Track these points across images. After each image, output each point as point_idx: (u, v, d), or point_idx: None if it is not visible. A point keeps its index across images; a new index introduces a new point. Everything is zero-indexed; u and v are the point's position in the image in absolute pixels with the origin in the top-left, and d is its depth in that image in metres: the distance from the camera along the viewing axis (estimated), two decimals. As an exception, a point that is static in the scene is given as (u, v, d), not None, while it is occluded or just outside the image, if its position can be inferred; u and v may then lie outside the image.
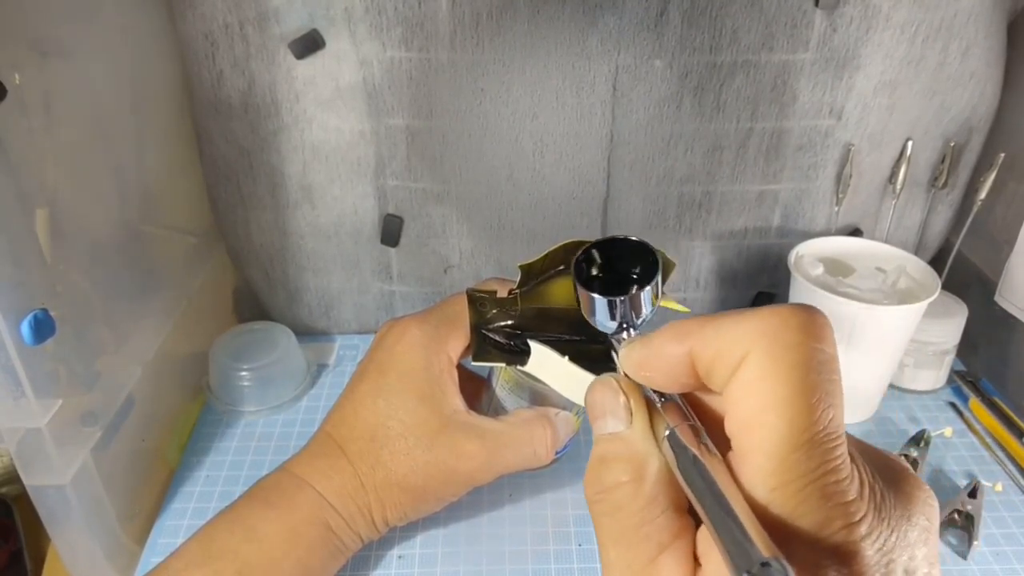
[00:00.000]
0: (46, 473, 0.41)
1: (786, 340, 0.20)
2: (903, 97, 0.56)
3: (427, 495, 0.43)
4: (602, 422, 0.24)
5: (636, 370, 0.24)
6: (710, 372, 0.22)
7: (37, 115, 0.41)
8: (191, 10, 0.53)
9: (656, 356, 0.23)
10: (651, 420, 0.23)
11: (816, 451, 0.19)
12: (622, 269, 0.31)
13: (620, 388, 0.24)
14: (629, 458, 0.22)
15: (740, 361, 0.20)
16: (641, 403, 0.24)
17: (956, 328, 0.59)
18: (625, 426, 0.23)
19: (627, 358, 0.24)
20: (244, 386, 0.57)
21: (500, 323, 0.40)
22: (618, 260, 0.31)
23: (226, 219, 0.62)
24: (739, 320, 0.21)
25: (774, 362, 0.20)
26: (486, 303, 0.40)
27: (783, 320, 0.20)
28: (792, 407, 0.19)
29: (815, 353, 0.20)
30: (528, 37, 0.52)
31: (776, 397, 0.20)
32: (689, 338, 0.22)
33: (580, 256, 0.30)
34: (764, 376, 0.20)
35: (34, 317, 0.38)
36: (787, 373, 0.20)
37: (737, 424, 0.21)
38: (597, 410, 0.24)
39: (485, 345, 0.40)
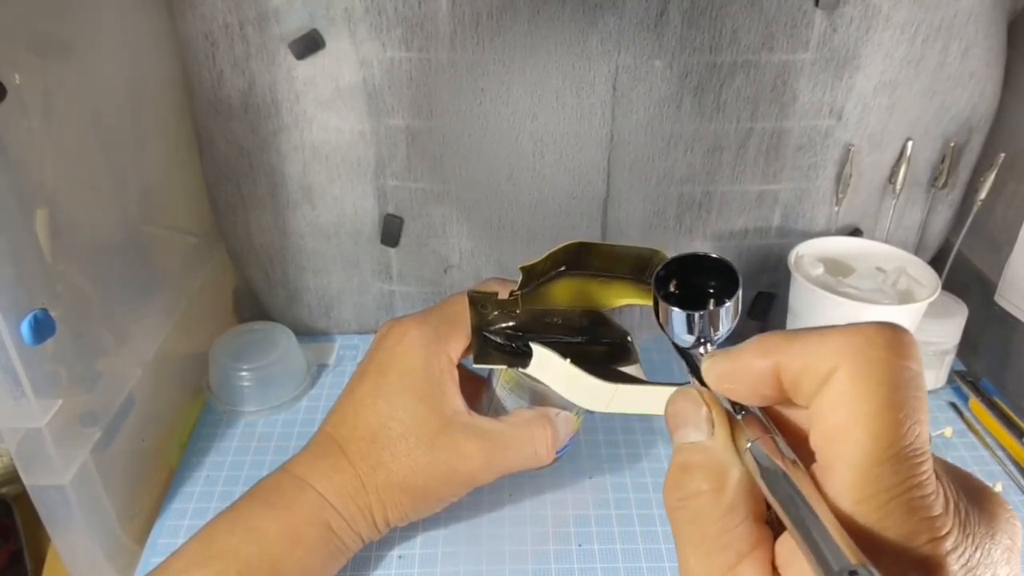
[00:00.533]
0: (46, 473, 0.41)
1: (873, 357, 0.20)
2: (903, 97, 0.56)
3: (428, 496, 0.43)
4: (684, 432, 0.24)
5: (719, 382, 0.24)
6: (796, 386, 0.22)
7: (37, 115, 0.41)
8: (191, 10, 0.53)
9: (741, 369, 0.24)
10: (732, 432, 0.24)
11: (902, 465, 0.19)
12: (699, 284, 0.31)
13: (703, 399, 0.25)
14: (711, 467, 0.23)
15: (827, 376, 0.21)
16: (722, 415, 0.24)
17: (956, 328, 0.59)
18: (707, 436, 0.24)
19: (710, 370, 0.25)
20: (244, 386, 0.57)
21: (501, 325, 0.40)
22: (696, 276, 0.31)
23: (226, 219, 0.62)
24: (826, 336, 0.21)
25: (862, 378, 0.20)
26: (487, 305, 0.40)
27: (870, 338, 0.21)
28: (879, 422, 0.20)
29: (902, 370, 0.20)
30: (528, 37, 0.52)
31: (863, 411, 0.20)
32: (775, 352, 0.23)
33: (659, 271, 0.30)
34: (852, 391, 0.20)
35: (34, 317, 0.38)
36: (874, 389, 0.20)
37: (823, 437, 0.21)
38: (680, 419, 0.25)
39: (486, 347, 0.40)
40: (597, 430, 0.57)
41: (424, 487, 0.42)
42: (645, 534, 0.49)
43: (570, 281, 0.41)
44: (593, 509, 0.51)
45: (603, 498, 0.51)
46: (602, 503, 0.51)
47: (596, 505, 0.51)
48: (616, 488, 0.52)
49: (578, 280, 0.41)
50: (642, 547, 0.48)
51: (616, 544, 0.48)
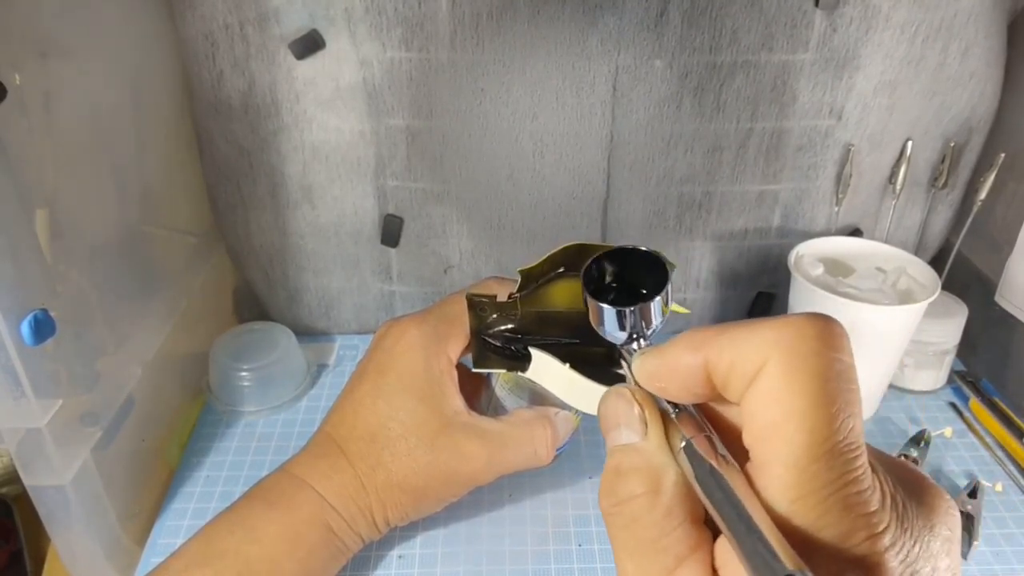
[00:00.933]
0: (46, 473, 0.41)
1: (803, 350, 0.20)
2: (903, 97, 0.56)
3: (428, 495, 0.43)
4: (616, 433, 0.24)
5: (650, 380, 0.24)
6: (726, 382, 0.21)
7: (37, 115, 0.41)
8: (191, 11, 0.53)
9: (670, 366, 0.23)
10: (666, 431, 0.23)
11: (837, 461, 0.19)
12: (631, 279, 0.30)
13: (634, 399, 0.24)
14: (645, 469, 0.22)
15: (757, 371, 0.20)
16: (656, 414, 0.23)
17: (956, 328, 0.59)
18: (640, 437, 0.23)
19: (640, 368, 0.24)
20: (244, 386, 0.57)
21: (500, 327, 0.40)
22: (627, 270, 0.30)
23: (226, 219, 0.62)
24: (754, 329, 0.21)
25: (792, 372, 0.20)
26: (486, 308, 0.40)
27: (799, 329, 0.20)
28: (811, 417, 0.19)
29: (833, 363, 0.20)
30: (528, 37, 0.52)
31: (795, 407, 0.19)
32: (704, 348, 0.22)
33: (590, 265, 0.30)
34: (782, 386, 0.20)
35: (34, 317, 0.38)
36: (805, 383, 0.20)
37: (755, 435, 0.20)
38: (611, 421, 0.24)
39: (485, 351, 0.40)
40: (597, 430, 0.57)
41: (424, 487, 0.42)
42: (645, 534, 0.49)
43: (569, 282, 0.40)
44: (593, 509, 0.51)
45: (603, 498, 0.51)
46: (602, 503, 0.51)
47: (596, 505, 0.51)
48: (616, 488, 0.52)
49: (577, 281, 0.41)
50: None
51: (616, 544, 0.48)
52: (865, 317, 0.51)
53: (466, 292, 0.41)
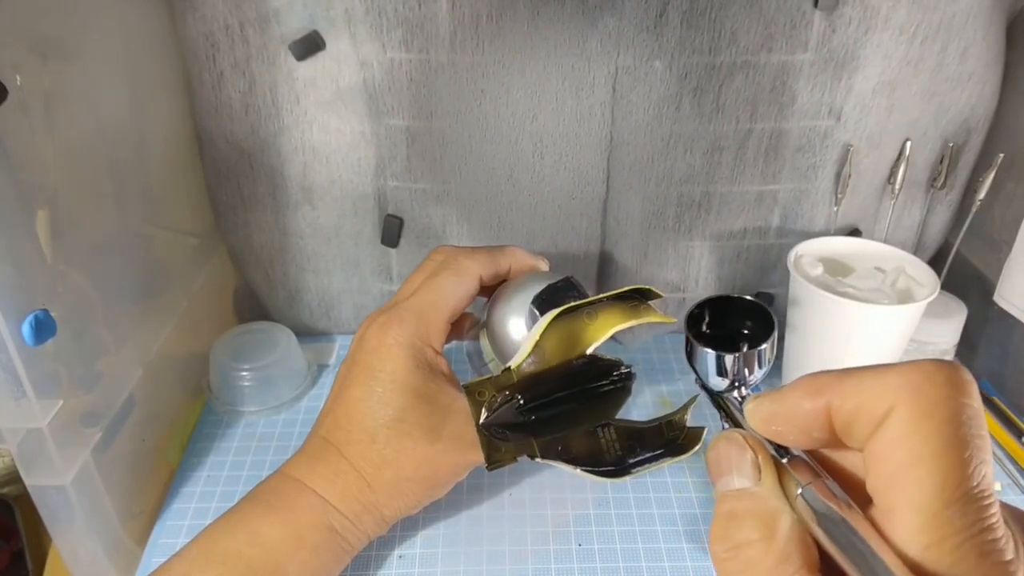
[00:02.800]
0: (47, 473, 0.41)
1: (933, 394, 0.20)
2: (902, 98, 0.56)
3: (439, 482, 0.44)
4: (728, 479, 0.23)
5: (766, 424, 0.24)
6: (849, 427, 0.21)
7: (38, 116, 0.41)
8: (192, 11, 0.53)
9: (790, 411, 0.23)
10: (779, 477, 0.23)
11: (971, 507, 0.19)
12: (730, 326, 0.30)
13: (747, 443, 0.24)
14: (760, 515, 0.22)
15: (884, 416, 0.20)
16: (768, 459, 0.23)
17: (955, 328, 0.59)
18: (753, 482, 0.23)
19: (755, 412, 0.24)
20: (244, 386, 0.58)
21: (502, 405, 0.40)
22: (727, 316, 0.30)
23: (226, 220, 0.62)
24: (880, 374, 0.21)
25: (923, 416, 0.20)
26: (484, 390, 0.40)
27: (928, 375, 0.20)
28: (944, 462, 0.19)
29: (964, 408, 0.20)
30: (528, 38, 0.52)
31: (927, 451, 0.19)
32: (825, 392, 0.22)
33: (693, 310, 0.30)
34: (913, 431, 0.19)
35: (35, 318, 0.38)
36: (937, 427, 0.19)
37: (884, 479, 0.20)
38: (723, 466, 0.24)
39: (495, 445, 0.40)
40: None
41: (434, 475, 0.43)
42: (645, 534, 0.49)
43: (557, 331, 0.41)
44: (593, 509, 0.51)
45: (603, 498, 0.52)
46: (602, 503, 0.51)
47: (596, 505, 0.51)
48: (616, 488, 0.52)
49: (564, 325, 0.41)
50: (642, 547, 0.48)
51: (616, 544, 0.48)
52: (864, 317, 0.51)
53: (462, 384, 0.42)
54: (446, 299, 0.44)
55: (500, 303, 0.45)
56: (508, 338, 0.44)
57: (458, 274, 0.45)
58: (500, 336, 0.44)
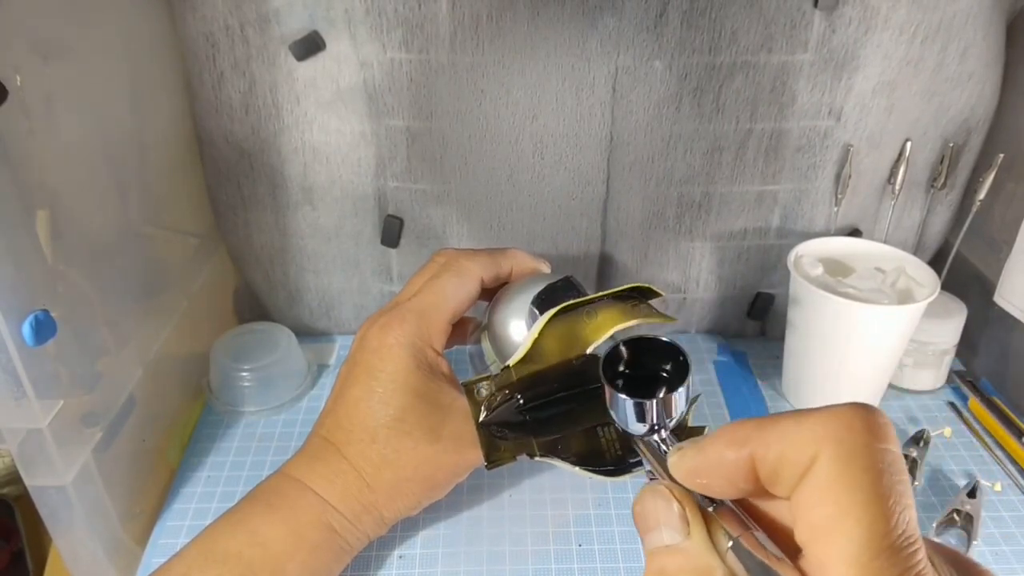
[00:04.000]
0: (47, 474, 0.41)
1: (853, 443, 0.20)
2: (902, 98, 0.56)
3: (439, 482, 0.44)
4: (656, 534, 0.23)
5: (690, 476, 0.23)
6: (774, 477, 0.21)
7: (38, 116, 0.41)
8: (192, 12, 0.53)
9: (713, 462, 0.23)
10: (707, 529, 0.23)
11: (899, 556, 0.19)
12: (647, 367, 0.30)
13: (673, 496, 0.23)
14: (691, 571, 0.22)
15: (807, 466, 0.20)
16: (696, 511, 0.23)
17: (955, 328, 0.59)
18: (683, 537, 0.22)
19: (679, 464, 0.23)
20: (245, 386, 0.58)
21: (501, 404, 0.40)
22: (643, 358, 0.30)
23: (227, 220, 0.62)
24: (801, 423, 0.21)
25: (845, 466, 0.20)
26: (483, 389, 0.40)
27: (847, 422, 0.20)
28: (870, 512, 0.19)
29: (884, 455, 0.20)
30: (528, 39, 0.53)
31: (852, 502, 0.19)
32: (748, 443, 0.22)
33: (608, 353, 0.29)
34: (836, 481, 0.20)
35: (35, 318, 0.38)
36: (860, 477, 0.19)
37: (811, 531, 0.20)
38: (650, 521, 0.23)
39: (494, 443, 0.40)
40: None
41: (434, 475, 0.43)
42: (645, 534, 0.49)
43: (556, 329, 0.41)
44: (593, 509, 0.51)
45: (603, 498, 0.52)
46: (602, 503, 0.51)
47: (596, 505, 0.51)
48: (616, 488, 0.52)
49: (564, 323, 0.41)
50: (642, 547, 0.48)
51: (616, 544, 0.48)
52: (864, 317, 0.51)
53: (460, 382, 0.42)
54: (447, 300, 0.44)
55: (501, 305, 0.45)
56: (509, 339, 0.44)
57: (459, 275, 0.45)
58: (501, 337, 0.44)
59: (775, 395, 0.61)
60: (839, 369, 0.54)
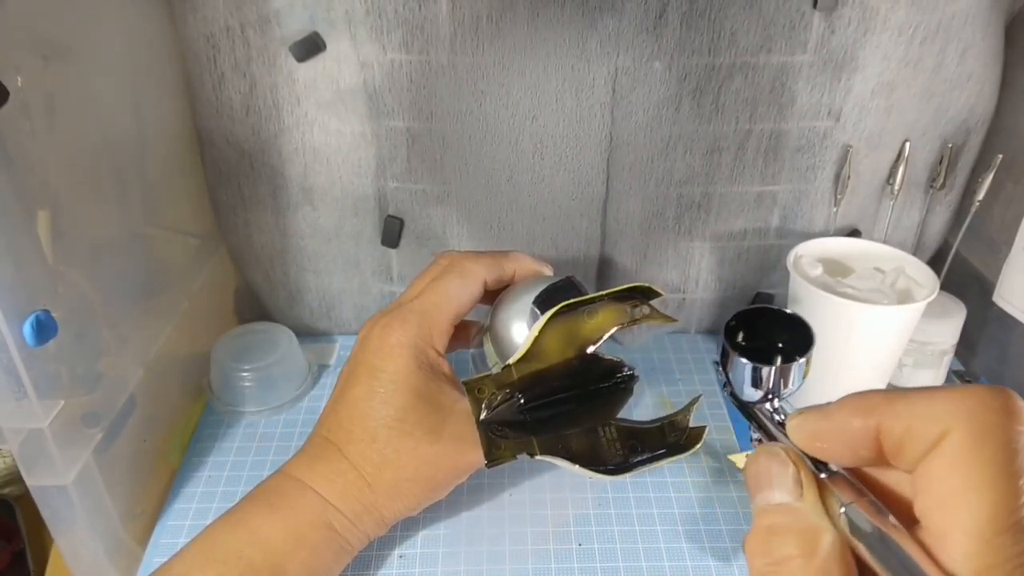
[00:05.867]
0: (48, 474, 0.41)
1: (988, 421, 0.20)
2: (901, 99, 0.56)
3: (439, 483, 0.44)
4: (768, 493, 0.23)
5: (811, 441, 0.23)
6: (899, 449, 0.21)
7: (39, 117, 0.41)
8: (192, 13, 0.53)
9: (837, 429, 0.23)
10: (820, 494, 0.23)
11: (1022, 535, 0.19)
12: (767, 337, 0.30)
13: (788, 458, 0.23)
14: (801, 531, 0.22)
15: (937, 440, 0.20)
16: (810, 475, 0.23)
17: (955, 328, 0.59)
18: (794, 498, 0.23)
19: (800, 427, 0.24)
20: (245, 386, 0.58)
21: (502, 403, 0.40)
22: (764, 328, 0.30)
23: (227, 220, 0.62)
24: (933, 398, 0.21)
25: (977, 442, 0.20)
26: (484, 387, 0.40)
27: (983, 401, 0.20)
28: (998, 489, 0.19)
29: (1018, 436, 0.20)
30: (528, 40, 0.53)
31: (981, 478, 0.19)
32: (875, 413, 0.22)
33: (730, 321, 0.29)
34: (967, 456, 0.20)
35: (36, 318, 0.38)
36: (991, 454, 0.20)
37: (935, 502, 0.20)
38: (763, 480, 0.24)
39: (495, 442, 0.40)
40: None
41: (434, 475, 0.43)
42: (645, 534, 0.49)
43: (556, 329, 0.41)
44: (593, 509, 0.51)
45: (603, 498, 0.52)
46: (602, 503, 0.51)
47: (596, 505, 0.51)
48: (616, 488, 0.52)
49: (564, 322, 0.41)
50: (642, 547, 0.48)
51: (616, 544, 0.48)
52: (864, 317, 0.51)
53: (461, 381, 0.42)
54: (449, 301, 0.44)
55: (503, 306, 0.45)
56: (511, 340, 0.44)
57: (462, 277, 0.45)
58: (503, 339, 0.44)
59: (775, 395, 0.61)
60: (839, 369, 0.54)
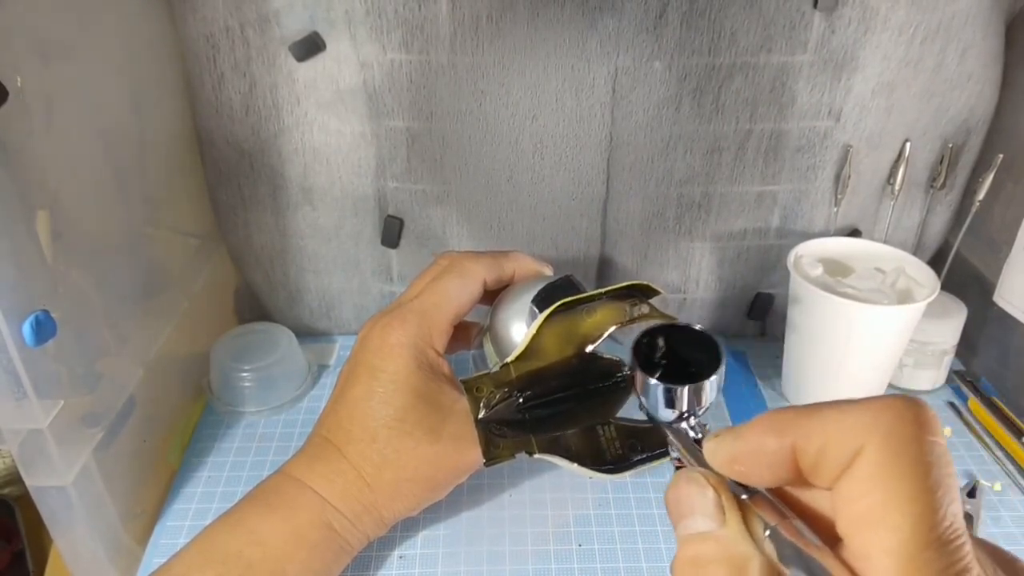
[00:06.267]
0: (48, 474, 0.41)
1: (903, 434, 0.19)
2: (901, 98, 0.56)
3: (439, 482, 0.44)
4: (689, 521, 0.23)
5: (728, 464, 0.23)
6: (816, 467, 0.21)
7: (39, 117, 0.41)
8: (192, 13, 0.53)
9: (752, 450, 0.22)
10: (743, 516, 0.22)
11: (946, 549, 0.18)
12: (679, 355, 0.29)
13: (708, 482, 0.23)
14: (726, 560, 0.21)
15: (853, 456, 0.20)
16: (731, 499, 0.22)
17: (955, 328, 0.59)
18: (718, 524, 0.22)
19: (717, 450, 0.23)
20: (245, 387, 0.58)
21: (500, 402, 0.40)
22: (674, 346, 0.30)
23: (227, 221, 0.62)
24: (845, 413, 0.20)
25: (894, 457, 0.19)
26: (482, 386, 0.40)
27: (897, 413, 0.20)
28: (918, 504, 0.19)
29: (933, 447, 0.19)
30: (528, 39, 0.53)
31: (900, 494, 0.19)
32: (789, 431, 0.21)
33: (640, 339, 0.29)
34: (883, 472, 0.19)
35: (35, 318, 0.38)
36: (909, 469, 0.19)
37: (855, 522, 0.20)
38: (683, 508, 0.23)
39: (493, 440, 0.40)
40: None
41: (434, 475, 0.43)
42: (645, 534, 0.49)
43: (555, 327, 0.41)
44: (593, 509, 0.51)
45: (603, 498, 0.52)
46: (602, 503, 0.51)
47: (596, 505, 0.51)
48: (616, 488, 0.52)
49: (562, 321, 0.41)
50: (642, 547, 0.48)
51: (616, 544, 0.48)
52: (864, 317, 0.51)
53: (460, 379, 0.42)
54: (449, 301, 0.44)
55: (502, 306, 0.45)
56: (510, 340, 0.44)
57: (462, 277, 0.45)
58: (502, 338, 0.44)
59: (775, 395, 0.61)
60: (839, 369, 0.54)
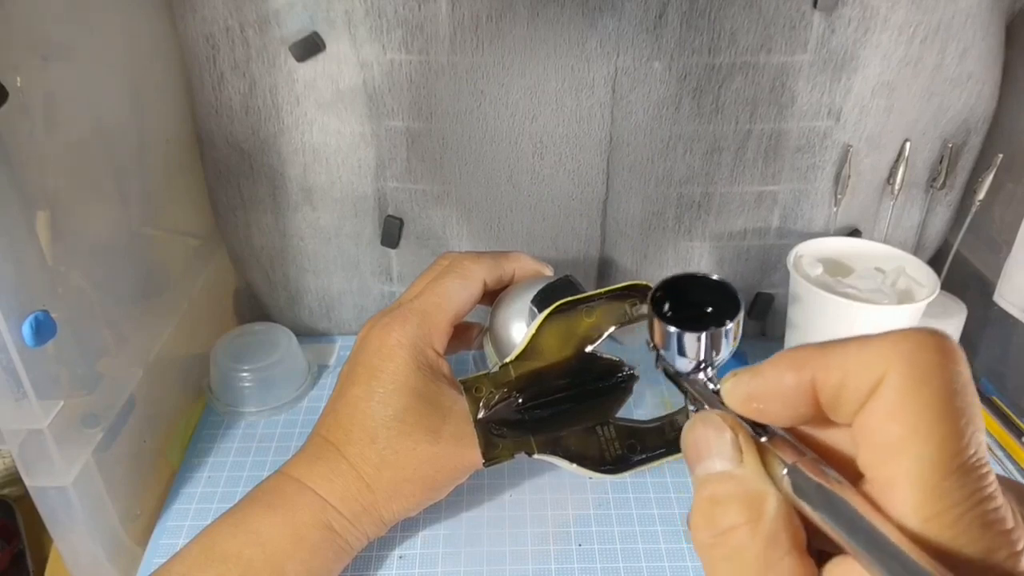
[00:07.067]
0: (48, 474, 0.41)
1: (926, 362, 0.19)
2: (901, 98, 0.56)
3: (439, 483, 0.44)
4: (707, 462, 0.22)
5: (746, 403, 0.22)
6: (836, 401, 0.20)
7: (39, 117, 0.41)
8: (192, 13, 0.53)
9: (771, 387, 0.22)
10: (761, 456, 0.22)
11: (970, 477, 0.18)
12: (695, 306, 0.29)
13: (725, 423, 0.22)
14: (744, 498, 0.21)
15: (873, 387, 0.19)
16: (749, 439, 0.22)
17: (955, 328, 0.59)
18: (735, 464, 0.22)
19: (735, 389, 0.23)
20: (245, 387, 0.58)
21: (499, 402, 0.40)
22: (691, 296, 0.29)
23: (227, 221, 0.62)
24: (866, 344, 0.20)
25: (916, 385, 0.19)
26: (481, 386, 0.40)
27: (919, 342, 0.19)
28: (941, 431, 0.18)
29: (957, 375, 0.19)
30: (527, 40, 0.53)
31: (923, 422, 0.18)
32: (809, 365, 0.21)
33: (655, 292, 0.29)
34: (905, 401, 0.19)
35: (35, 319, 0.38)
36: (932, 396, 0.18)
37: (877, 452, 0.19)
38: (702, 449, 0.22)
39: (492, 441, 0.40)
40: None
41: (434, 476, 0.43)
42: (645, 534, 0.49)
43: (554, 327, 0.41)
44: (593, 509, 0.51)
45: (603, 498, 0.52)
46: (602, 503, 0.51)
47: (596, 505, 0.51)
48: (616, 488, 0.52)
49: (562, 321, 0.41)
50: (642, 547, 0.48)
51: (616, 544, 0.48)
52: (864, 317, 0.51)
53: (459, 379, 0.42)
54: (450, 301, 0.44)
55: (502, 307, 0.45)
56: (510, 340, 0.44)
57: (462, 277, 0.45)
58: (502, 339, 0.44)
59: (775, 395, 0.61)
60: (839, 369, 0.54)
